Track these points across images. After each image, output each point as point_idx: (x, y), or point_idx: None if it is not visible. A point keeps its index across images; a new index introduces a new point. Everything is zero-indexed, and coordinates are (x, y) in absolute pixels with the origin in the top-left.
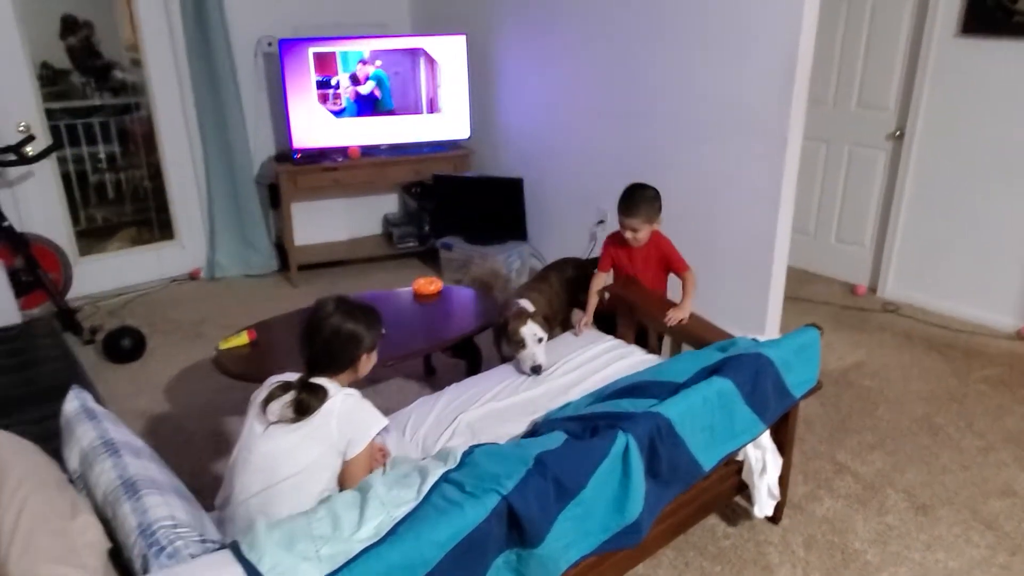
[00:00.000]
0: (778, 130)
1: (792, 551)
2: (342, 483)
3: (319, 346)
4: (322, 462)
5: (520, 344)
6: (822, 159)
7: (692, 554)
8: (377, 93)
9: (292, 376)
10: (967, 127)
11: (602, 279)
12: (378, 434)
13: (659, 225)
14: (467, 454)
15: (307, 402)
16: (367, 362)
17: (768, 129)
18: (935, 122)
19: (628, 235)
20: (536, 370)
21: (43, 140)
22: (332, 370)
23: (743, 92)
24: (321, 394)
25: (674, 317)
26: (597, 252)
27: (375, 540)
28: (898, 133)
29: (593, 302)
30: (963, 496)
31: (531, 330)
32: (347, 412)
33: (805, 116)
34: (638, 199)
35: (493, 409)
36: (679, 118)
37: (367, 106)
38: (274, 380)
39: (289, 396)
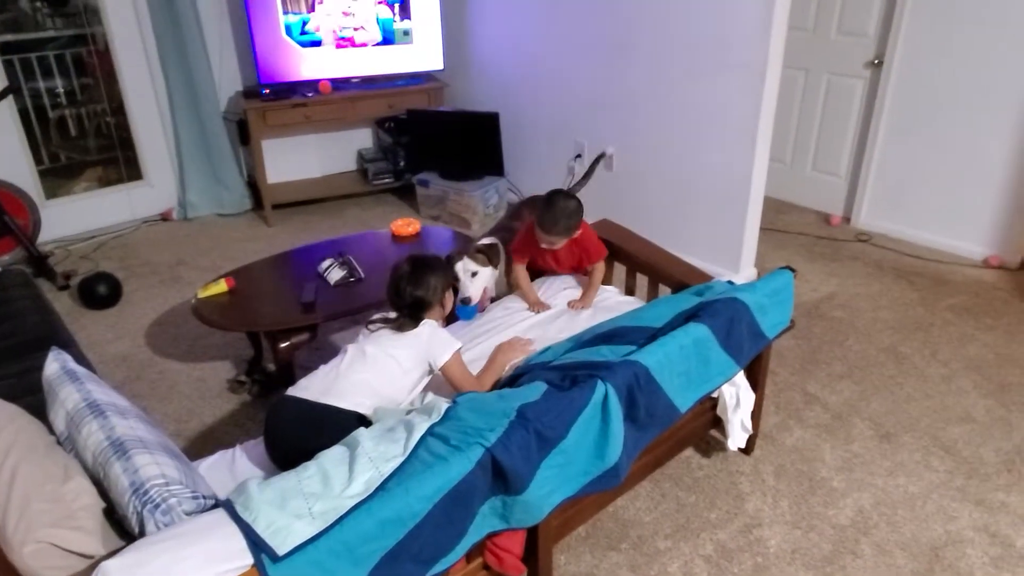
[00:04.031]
0: (757, 62)
1: (763, 480)
2: (454, 388)
3: (406, 300)
4: (408, 364)
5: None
6: (800, 88)
7: (668, 485)
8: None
9: (392, 315)
10: (944, 57)
11: (522, 270)
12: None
13: (578, 231)
14: (451, 407)
15: (404, 325)
16: (448, 299)
17: (747, 61)
18: (914, 51)
19: (545, 246)
20: (465, 302)
21: None
22: (422, 312)
23: (723, 22)
24: (413, 324)
25: (577, 306)
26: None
27: (365, 496)
28: (877, 61)
29: (527, 287)
30: (925, 423)
31: (464, 265)
32: (429, 337)
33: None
34: (558, 215)
35: (477, 354)
36: (657, 49)
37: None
38: (378, 315)
39: (391, 324)
